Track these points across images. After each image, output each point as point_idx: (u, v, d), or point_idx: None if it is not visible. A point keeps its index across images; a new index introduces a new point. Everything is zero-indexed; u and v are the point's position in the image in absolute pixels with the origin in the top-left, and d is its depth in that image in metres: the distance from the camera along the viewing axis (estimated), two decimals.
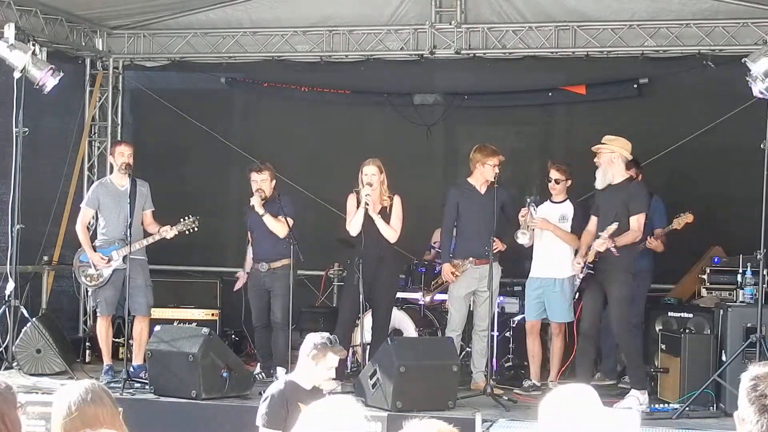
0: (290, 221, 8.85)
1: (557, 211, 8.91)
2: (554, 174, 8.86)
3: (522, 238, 8.72)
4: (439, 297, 9.71)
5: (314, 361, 5.75)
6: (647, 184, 9.47)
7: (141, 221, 9.02)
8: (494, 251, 8.60)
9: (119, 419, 3.20)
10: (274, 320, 8.83)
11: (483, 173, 8.77)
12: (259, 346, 9.27)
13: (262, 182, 8.92)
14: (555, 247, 8.81)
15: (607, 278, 8.22)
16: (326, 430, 2.85)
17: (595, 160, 8.38)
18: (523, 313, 9.23)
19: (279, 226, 8.86)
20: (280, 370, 8.78)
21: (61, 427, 3.10)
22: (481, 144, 9.08)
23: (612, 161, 8.31)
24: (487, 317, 8.74)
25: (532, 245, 8.92)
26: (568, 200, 8.94)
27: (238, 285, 9.59)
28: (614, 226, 8.00)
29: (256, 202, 8.83)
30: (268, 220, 8.83)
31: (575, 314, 8.78)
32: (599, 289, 8.31)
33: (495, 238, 8.63)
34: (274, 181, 9.06)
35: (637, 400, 7.96)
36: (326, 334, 5.95)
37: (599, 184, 8.38)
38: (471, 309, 9.00)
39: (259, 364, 9.21)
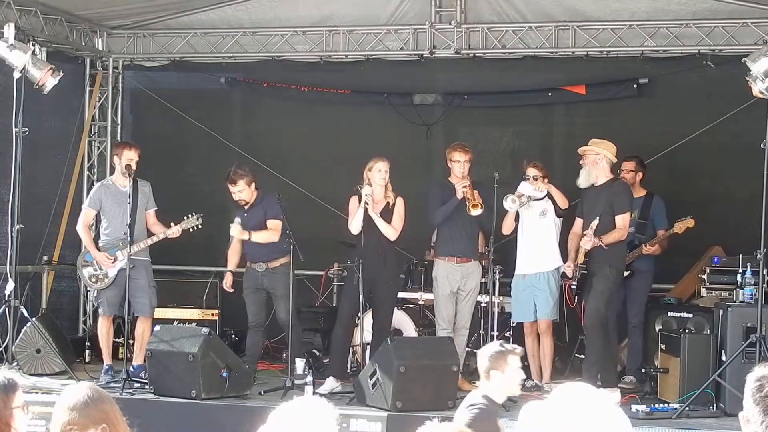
0: (277, 222, 8.76)
1: (538, 206, 8.95)
2: (531, 171, 8.89)
3: (509, 204, 8.69)
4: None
5: (501, 371, 5.46)
6: (648, 183, 9.52)
7: (144, 221, 9.03)
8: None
9: (125, 422, 3.21)
10: (279, 322, 8.77)
11: (453, 171, 8.83)
12: (250, 345, 9.11)
13: (239, 193, 8.80)
14: (539, 241, 8.84)
15: (594, 273, 8.34)
16: (297, 430, 2.82)
17: (581, 161, 8.54)
18: None
19: (267, 235, 8.78)
20: (300, 362, 8.77)
21: (74, 423, 3.09)
22: (455, 142, 9.16)
23: (596, 162, 8.48)
24: (468, 315, 8.86)
25: (516, 240, 8.98)
26: (548, 197, 8.96)
27: (227, 283, 9.15)
28: (596, 222, 8.19)
29: (235, 231, 8.71)
30: (256, 237, 8.73)
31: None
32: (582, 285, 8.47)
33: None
34: (254, 184, 8.91)
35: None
36: (495, 343, 5.83)
37: (583, 183, 8.55)
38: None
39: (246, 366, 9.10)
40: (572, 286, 8.67)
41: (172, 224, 8.92)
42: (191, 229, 8.96)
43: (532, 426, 2.74)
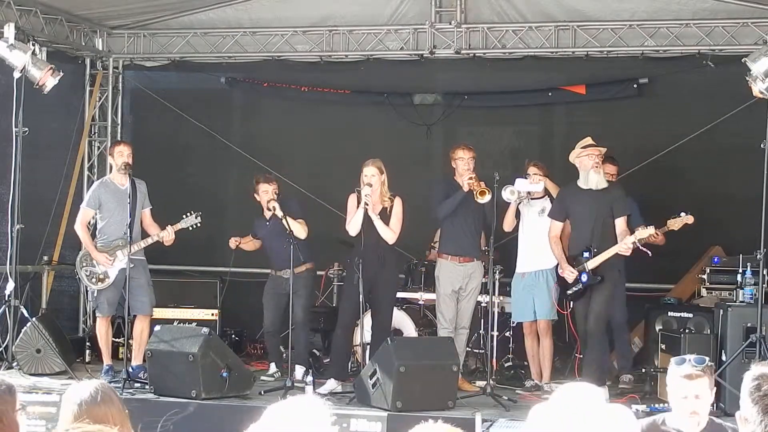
0: (302, 222, 8.96)
1: (537, 204, 8.96)
2: (532, 170, 8.89)
3: (508, 195, 8.70)
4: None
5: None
6: (648, 183, 9.53)
7: (140, 221, 9.02)
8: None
9: (128, 421, 3.19)
10: (295, 319, 8.80)
11: (458, 169, 8.83)
12: (272, 349, 9.41)
13: (273, 192, 8.98)
14: (538, 239, 8.83)
15: (602, 277, 8.29)
16: (290, 430, 2.80)
17: (597, 162, 8.41)
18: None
19: (299, 227, 8.88)
20: (299, 369, 8.81)
21: (71, 426, 3.08)
22: (457, 142, 9.20)
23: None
24: (469, 315, 8.84)
25: (518, 238, 9.00)
26: (546, 196, 8.95)
27: (234, 242, 9.33)
28: (651, 229, 8.12)
29: (275, 207, 8.79)
30: (291, 223, 8.76)
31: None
32: (587, 290, 8.38)
33: None
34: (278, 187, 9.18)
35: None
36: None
37: (601, 184, 8.40)
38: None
39: (273, 363, 9.32)
40: (574, 290, 8.41)
41: (168, 226, 8.91)
42: (190, 228, 8.97)
43: (540, 427, 2.74)
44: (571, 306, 8.54)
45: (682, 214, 8.81)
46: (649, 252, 8.16)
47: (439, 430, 2.71)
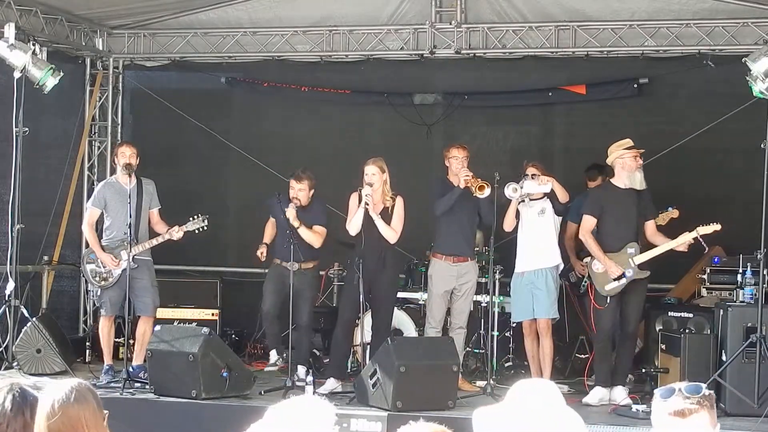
0: (324, 230, 8.96)
1: (537, 205, 8.94)
2: (531, 170, 8.87)
3: (510, 192, 8.67)
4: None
5: None
6: (648, 183, 9.52)
7: (148, 220, 9.02)
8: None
9: (102, 422, 3.14)
10: (299, 323, 8.78)
11: (451, 168, 8.84)
12: (270, 333, 9.15)
13: (299, 191, 8.94)
14: (537, 239, 8.83)
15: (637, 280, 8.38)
16: (292, 429, 2.79)
17: (640, 162, 8.46)
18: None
19: (314, 238, 8.90)
20: (301, 369, 8.80)
21: (45, 427, 3.05)
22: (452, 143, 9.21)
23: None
24: (465, 315, 8.85)
25: (517, 238, 8.97)
26: (547, 196, 8.95)
27: (262, 254, 9.16)
28: (717, 226, 8.20)
29: (291, 214, 8.79)
30: (304, 233, 8.82)
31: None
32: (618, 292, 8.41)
33: None
34: (313, 191, 9.05)
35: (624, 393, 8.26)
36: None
37: (644, 185, 8.45)
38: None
39: (274, 350, 9.13)
40: (617, 284, 8.32)
41: (177, 226, 8.92)
42: (197, 231, 8.97)
43: (487, 428, 2.75)
44: (608, 302, 8.35)
45: (669, 208, 8.88)
46: (707, 246, 8.28)
47: (427, 429, 2.71)
